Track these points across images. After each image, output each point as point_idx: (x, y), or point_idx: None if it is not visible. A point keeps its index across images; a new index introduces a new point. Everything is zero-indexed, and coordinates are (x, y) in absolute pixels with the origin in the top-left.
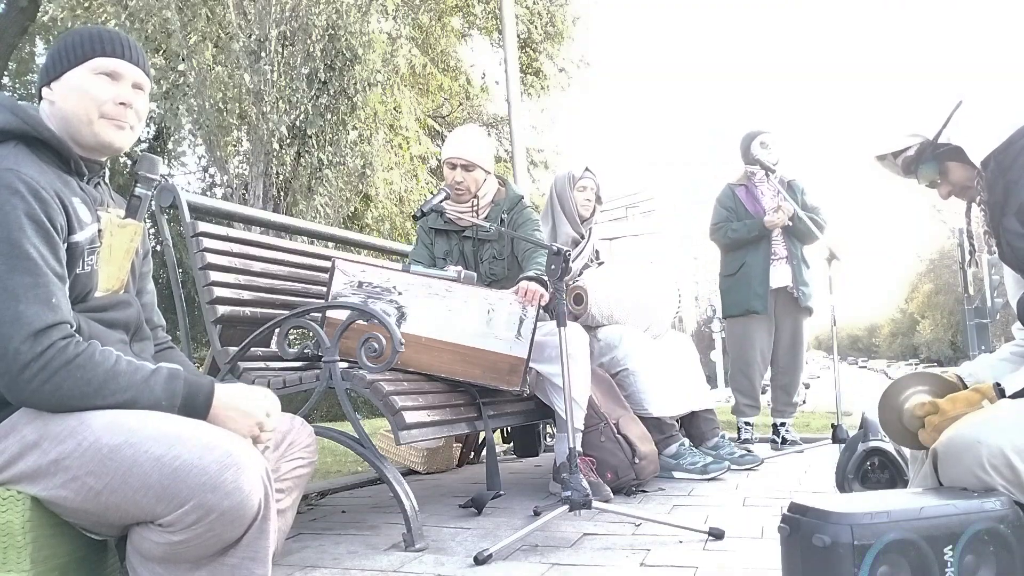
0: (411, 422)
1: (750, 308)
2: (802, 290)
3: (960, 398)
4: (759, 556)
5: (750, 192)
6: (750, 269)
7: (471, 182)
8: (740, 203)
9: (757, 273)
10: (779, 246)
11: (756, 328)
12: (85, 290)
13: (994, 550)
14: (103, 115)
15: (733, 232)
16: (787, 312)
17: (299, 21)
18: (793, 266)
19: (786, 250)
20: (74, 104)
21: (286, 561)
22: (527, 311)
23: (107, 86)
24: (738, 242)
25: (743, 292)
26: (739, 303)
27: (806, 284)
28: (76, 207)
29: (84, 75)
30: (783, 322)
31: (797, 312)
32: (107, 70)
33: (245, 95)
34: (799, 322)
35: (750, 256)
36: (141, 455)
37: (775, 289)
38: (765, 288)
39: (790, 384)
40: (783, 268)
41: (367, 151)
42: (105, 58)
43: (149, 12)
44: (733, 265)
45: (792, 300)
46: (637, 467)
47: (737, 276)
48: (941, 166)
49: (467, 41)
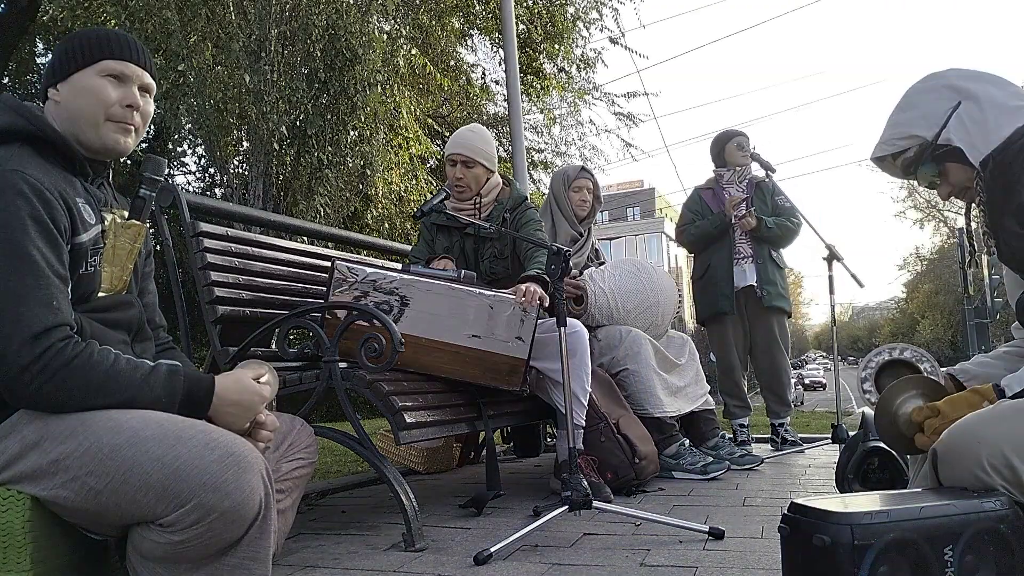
0: (411, 422)
1: (718, 309)
2: (767, 289)
3: (960, 400)
4: (759, 556)
5: (716, 195)
6: (715, 270)
7: (471, 179)
8: (706, 206)
9: (722, 274)
10: (744, 245)
11: (729, 329)
12: (88, 290)
13: (994, 550)
14: (109, 118)
15: (695, 228)
16: (757, 313)
17: (299, 21)
18: (758, 265)
19: (751, 249)
20: (81, 106)
21: (286, 561)
22: (527, 311)
23: (114, 88)
24: (700, 238)
25: (711, 294)
26: (709, 305)
27: (772, 284)
28: (80, 208)
29: (92, 77)
30: (756, 323)
31: (767, 313)
32: (115, 72)
33: (245, 95)
34: (771, 323)
35: (715, 258)
36: (141, 455)
37: (741, 288)
38: (731, 288)
39: (775, 384)
40: (748, 267)
41: (367, 151)
42: (113, 60)
43: (149, 12)
44: (701, 268)
45: (757, 299)
46: (637, 467)
47: (705, 278)
48: (940, 167)
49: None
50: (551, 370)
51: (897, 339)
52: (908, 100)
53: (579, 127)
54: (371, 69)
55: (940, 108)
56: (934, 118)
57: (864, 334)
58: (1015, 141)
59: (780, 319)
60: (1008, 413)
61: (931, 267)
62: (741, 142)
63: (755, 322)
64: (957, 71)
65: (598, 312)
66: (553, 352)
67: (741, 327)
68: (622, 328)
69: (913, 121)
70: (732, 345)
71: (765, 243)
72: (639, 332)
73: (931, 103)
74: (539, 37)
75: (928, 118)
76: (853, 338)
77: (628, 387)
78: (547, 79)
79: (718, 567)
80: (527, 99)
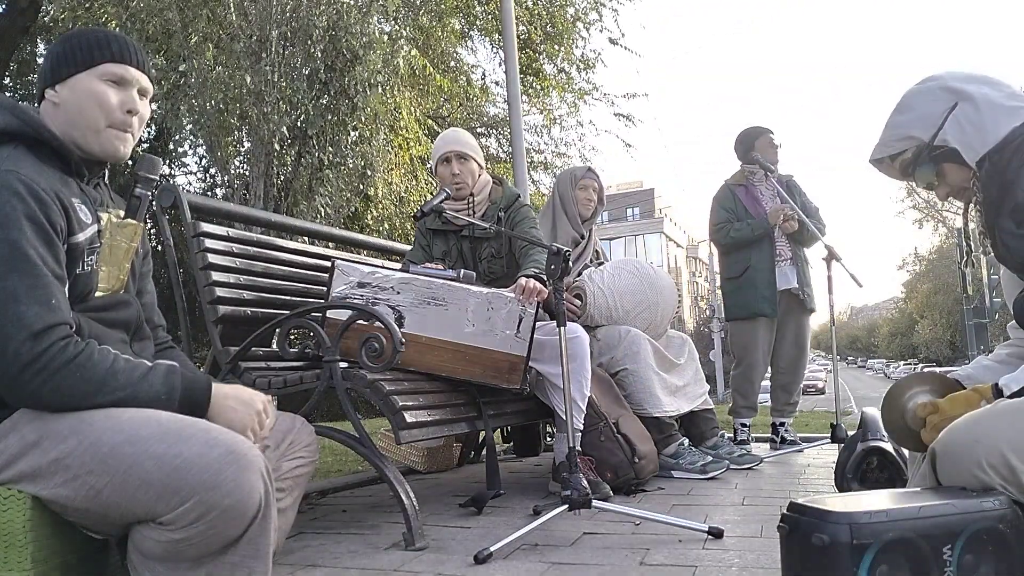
0: (411, 421)
1: (758, 311)
2: (807, 291)
3: (959, 398)
4: (758, 555)
5: (750, 192)
6: (756, 272)
7: (467, 174)
8: (740, 203)
9: (764, 276)
10: (784, 247)
11: (761, 331)
12: (85, 290)
13: (993, 549)
14: (111, 124)
15: (736, 232)
16: (791, 313)
17: (300, 22)
18: (799, 267)
19: (791, 251)
20: (83, 111)
21: (286, 560)
22: (526, 309)
23: (115, 93)
24: (740, 242)
25: (749, 295)
26: (745, 306)
27: (810, 285)
28: (76, 208)
29: (92, 81)
30: (786, 323)
31: (801, 313)
32: (115, 76)
33: (246, 96)
34: (803, 323)
35: (755, 258)
36: (142, 453)
37: (781, 291)
38: (773, 291)
39: (791, 383)
40: (789, 270)
41: (367, 152)
42: (113, 64)
43: (150, 13)
44: (737, 268)
45: (798, 302)
46: (637, 466)
47: (742, 279)
48: (938, 168)
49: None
50: (551, 373)
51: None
52: (905, 102)
53: (579, 128)
54: (372, 70)
55: (936, 110)
56: (930, 120)
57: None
58: (1011, 141)
59: (809, 320)
60: (1006, 412)
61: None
62: (772, 138)
63: (788, 322)
64: (953, 73)
65: (597, 312)
66: (553, 355)
67: (772, 329)
68: (621, 328)
69: (910, 123)
70: (759, 346)
71: (800, 243)
72: (638, 332)
73: (927, 105)
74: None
75: (924, 120)
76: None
77: (627, 387)
78: (547, 80)
79: (717, 566)
80: (527, 100)
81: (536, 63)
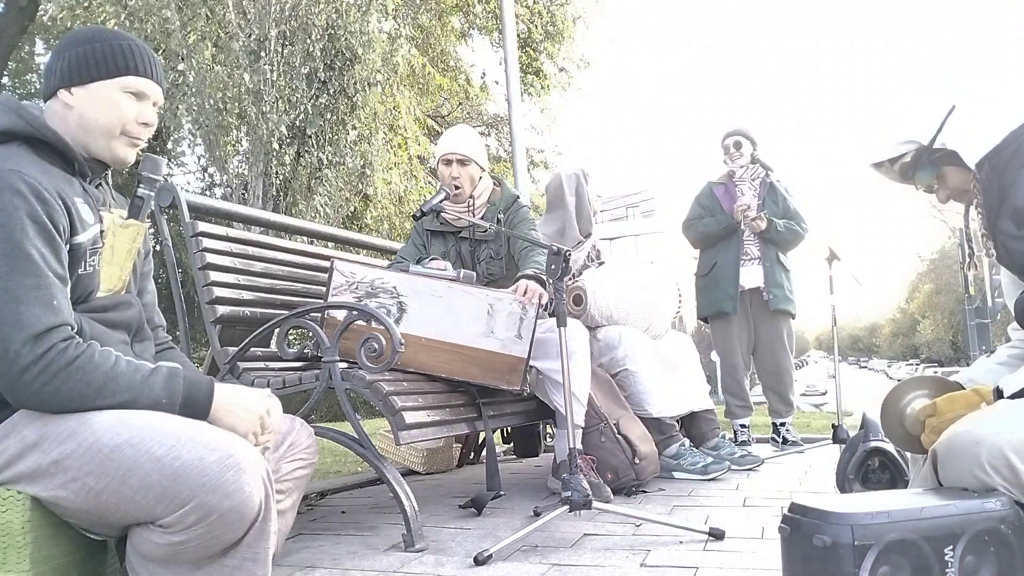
0: (411, 422)
1: (720, 309)
2: (773, 292)
3: (958, 399)
4: (759, 556)
5: (728, 190)
6: (721, 270)
7: (467, 178)
8: (716, 201)
9: (728, 273)
10: (752, 247)
11: (734, 328)
12: (87, 290)
13: (995, 550)
14: (125, 133)
15: (703, 227)
16: (762, 314)
17: (299, 21)
18: (765, 267)
19: (759, 251)
20: (99, 117)
21: (286, 562)
22: (527, 310)
23: (133, 105)
24: (709, 237)
25: (714, 292)
26: (711, 303)
27: (779, 286)
28: (79, 208)
29: (113, 91)
30: (760, 324)
31: (773, 315)
32: (135, 90)
33: (245, 95)
34: (777, 325)
35: (721, 256)
36: (142, 455)
37: (747, 290)
38: (735, 288)
39: (778, 384)
40: (754, 269)
41: (367, 151)
42: (136, 77)
43: (149, 11)
44: (706, 265)
45: (762, 302)
46: (637, 467)
47: (709, 276)
48: (938, 171)
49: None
50: (551, 370)
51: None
52: (904, 105)
53: (578, 128)
54: (371, 69)
55: (935, 112)
56: (929, 122)
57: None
58: (1010, 144)
59: (786, 321)
60: (1007, 413)
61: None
62: (728, 144)
63: (760, 323)
64: (952, 75)
65: (597, 312)
66: (553, 352)
67: (746, 327)
68: (621, 328)
69: (909, 126)
70: (736, 345)
71: (773, 245)
72: (638, 332)
73: (927, 107)
74: (539, 37)
75: (924, 122)
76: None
77: (628, 387)
78: (547, 79)
79: (718, 568)
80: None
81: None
